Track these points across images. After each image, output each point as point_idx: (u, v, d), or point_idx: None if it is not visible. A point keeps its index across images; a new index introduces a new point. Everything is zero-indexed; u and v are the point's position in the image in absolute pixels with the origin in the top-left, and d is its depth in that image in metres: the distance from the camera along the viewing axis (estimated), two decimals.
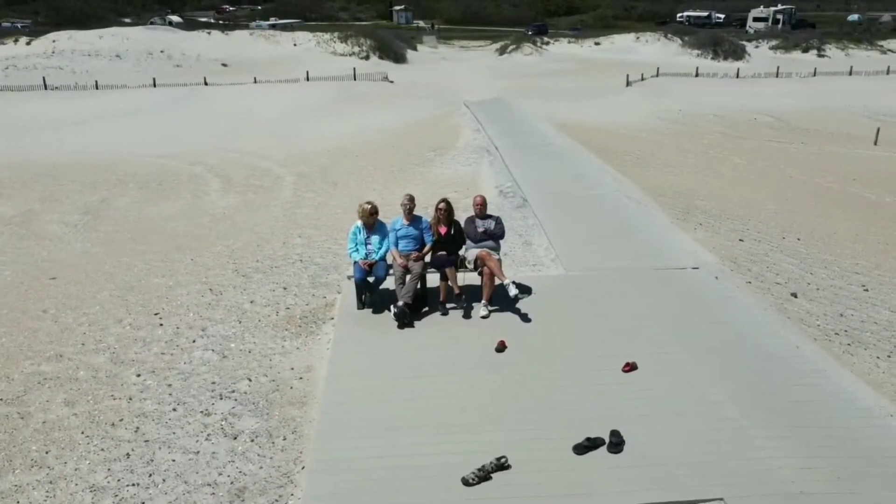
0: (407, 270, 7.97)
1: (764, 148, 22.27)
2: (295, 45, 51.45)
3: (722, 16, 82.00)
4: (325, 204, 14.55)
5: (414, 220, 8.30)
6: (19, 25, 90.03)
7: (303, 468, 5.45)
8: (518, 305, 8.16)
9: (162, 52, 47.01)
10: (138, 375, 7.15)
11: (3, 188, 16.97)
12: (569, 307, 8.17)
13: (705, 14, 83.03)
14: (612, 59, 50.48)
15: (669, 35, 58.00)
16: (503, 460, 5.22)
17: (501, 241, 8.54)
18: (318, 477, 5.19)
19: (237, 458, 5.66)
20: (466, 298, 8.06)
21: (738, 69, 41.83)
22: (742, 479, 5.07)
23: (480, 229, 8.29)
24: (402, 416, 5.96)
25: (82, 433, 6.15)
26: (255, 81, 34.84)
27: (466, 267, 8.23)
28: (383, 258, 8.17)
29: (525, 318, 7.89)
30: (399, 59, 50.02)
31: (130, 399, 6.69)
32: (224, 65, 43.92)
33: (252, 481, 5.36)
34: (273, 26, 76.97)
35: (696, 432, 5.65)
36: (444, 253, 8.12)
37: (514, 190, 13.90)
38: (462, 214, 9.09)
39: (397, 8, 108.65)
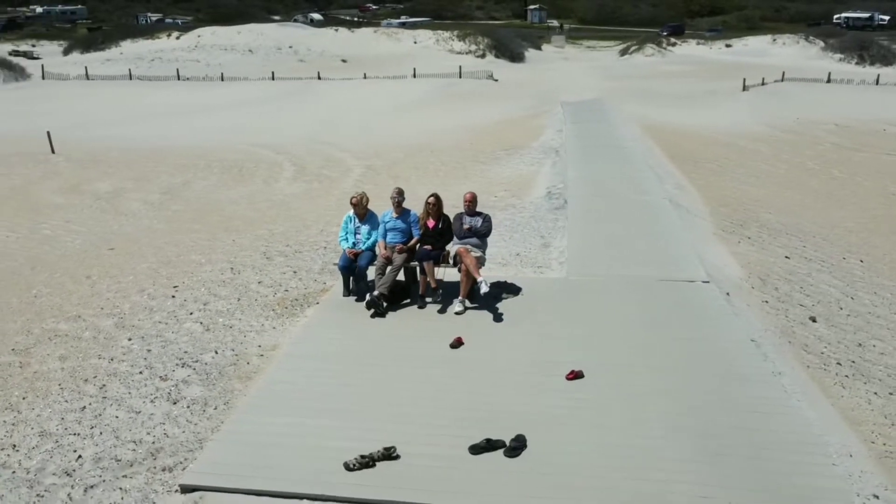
0: (389, 262, 8.13)
1: (875, 162, 20.31)
2: (415, 42, 52.74)
3: (886, 17, 75.11)
4: (379, 196, 14.92)
5: (403, 213, 8.45)
6: (179, 22, 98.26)
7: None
8: (497, 305, 8.10)
9: (290, 47, 49.81)
10: (129, 340, 7.80)
11: (109, 167, 18.81)
12: (548, 311, 8.00)
13: (867, 15, 76.40)
14: (740, 62, 47.73)
15: (811, 38, 53.94)
16: (391, 450, 5.28)
17: (488, 239, 8.47)
18: (216, 445, 5.50)
19: (169, 421, 6.09)
20: (443, 293, 8.11)
21: (879, 76, 38.19)
22: (627, 499, 4.83)
23: (466, 226, 8.29)
24: (332, 399, 6.14)
25: (59, 385, 6.83)
26: (365, 77, 36.11)
27: (449, 262, 8.27)
28: (371, 248, 8.37)
29: (499, 317, 7.82)
30: (515, 58, 49.98)
31: (111, 360, 7.32)
32: (343, 60, 45.85)
33: (170, 443, 5.75)
34: (402, 24, 79.32)
35: (605, 446, 5.42)
36: (428, 247, 8.20)
37: (563, 192, 13.64)
38: (516, 215, 9.11)
39: (532, 7, 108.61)
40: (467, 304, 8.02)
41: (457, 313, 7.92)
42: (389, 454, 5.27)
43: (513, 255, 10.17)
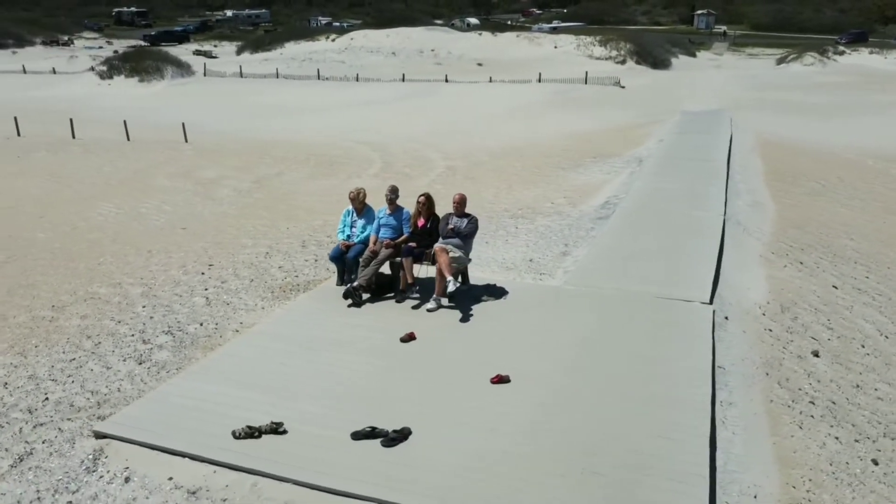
0: (376, 255, 8.48)
1: None
2: (555, 47, 52.40)
3: None
4: (445, 198, 15.26)
5: (396, 210, 8.77)
6: (345, 25, 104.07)
7: None
8: (474, 306, 8.19)
9: (432, 50, 51.40)
10: (143, 307, 8.77)
11: (222, 157, 20.69)
12: (518, 317, 7.96)
13: None
14: None
15: None
16: (279, 426, 5.64)
17: (471, 241, 8.57)
18: (141, 402, 6.15)
19: (127, 378, 6.85)
20: (423, 290, 8.33)
21: None
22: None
23: (450, 226, 8.44)
24: (264, 376, 6.59)
25: (66, 339, 7.87)
26: (490, 80, 36.54)
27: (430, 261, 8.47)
28: (363, 242, 8.77)
29: (466, 318, 7.92)
30: (658, 64, 48.19)
31: (118, 322, 8.29)
32: (479, 64, 46.57)
33: (117, 397, 6.50)
34: (553, 29, 78.90)
35: (484, 451, 5.43)
36: (413, 244, 8.46)
37: (618, 203, 13.26)
38: (556, 223, 9.21)
39: (699, 12, 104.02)
40: (443, 302, 8.18)
41: (428, 310, 8.11)
42: (276, 429, 5.63)
43: (525, 260, 10.14)
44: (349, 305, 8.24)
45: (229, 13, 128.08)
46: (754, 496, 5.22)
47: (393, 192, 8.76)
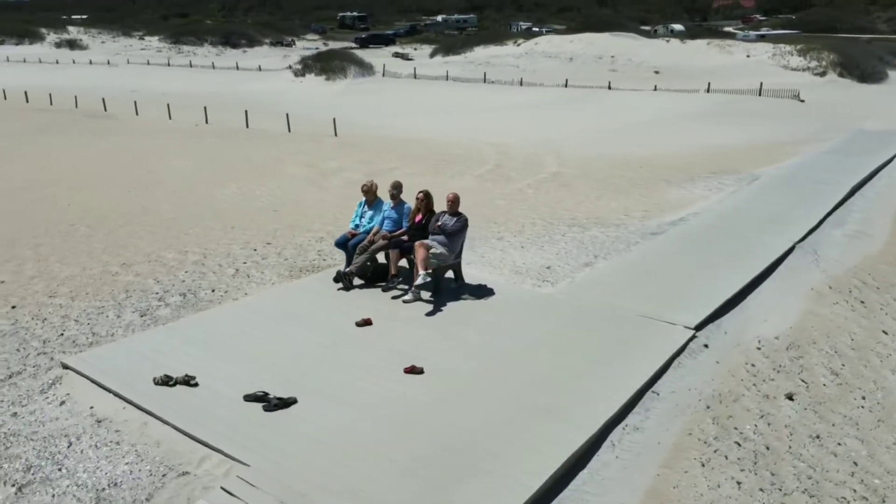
0: (371, 244, 9.02)
1: None
2: (748, 56, 48.76)
3: None
4: (526, 200, 15.35)
5: (398, 204, 9.23)
6: (544, 30, 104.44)
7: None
8: (449, 303, 8.46)
9: (612, 57, 50.28)
10: (186, 272, 10.08)
11: (353, 150, 22.29)
12: (482, 318, 8.05)
13: None
14: None
15: None
16: (191, 379, 6.41)
17: (458, 240, 8.76)
18: (107, 346, 7.26)
19: (122, 327, 8.05)
20: (403, 281, 8.72)
21: None
22: (301, 474, 5.26)
23: (438, 223, 8.72)
24: (219, 339, 7.38)
25: (110, 291, 9.32)
26: (655, 89, 35.14)
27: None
28: (368, 231, 9.33)
29: (433, 313, 8.19)
30: (867, 77, 42.89)
31: (157, 282, 9.64)
32: (656, 72, 44.76)
33: (105, 340, 7.69)
34: (762, 37, 73.12)
35: (347, 430, 5.78)
36: (405, 238, 8.88)
37: (689, 220, 12.53)
38: (607, 234, 9.37)
39: None
40: (422, 295, 8.51)
41: (404, 301, 8.48)
42: (188, 381, 6.42)
43: (542, 267, 10.08)
44: (339, 289, 8.86)
45: (439, 18, 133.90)
46: None
47: (395, 188, 9.24)
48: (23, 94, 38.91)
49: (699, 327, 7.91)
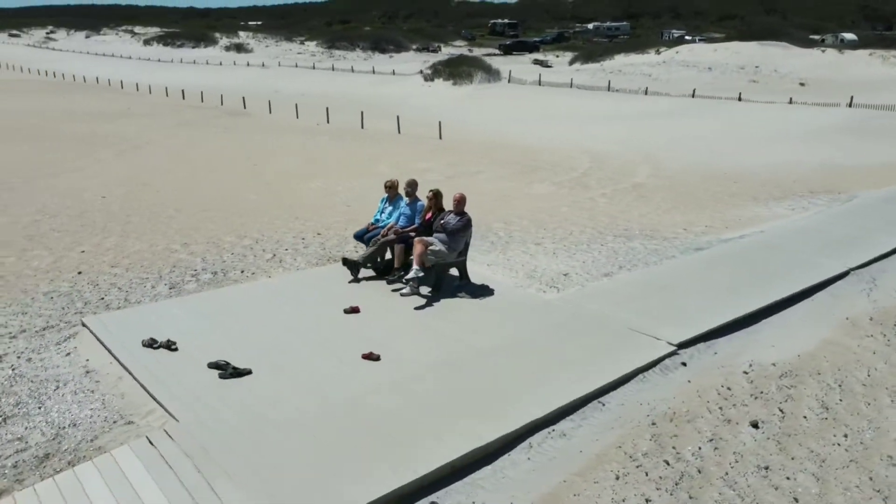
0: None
1: None
2: None
3: None
4: (591, 209, 15.10)
5: (413, 202, 9.58)
6: (696, 39, 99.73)
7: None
8: (443, 298, 8.71)
9: (756, 67, 47.36)
10: (231, 254, 11.03)
11: (450, 153, 22.83)
12: (468, 316, 8.21)
13: None
14: None
15: None
16: (172, 344, 7.15)
17: (460, 238, 8.93)
18: (124, 310, 8.21)
19: (148, 297, 9.02)
20: (406, 275, 9.05)
21: None
22: (230, 442, 5.78)
23: (442, 221, 8.96)
24: (220, 315, 8.08)
25: (158, 265, 10.43)
26: (790, 102, 32.76)
27: None
28: (384, 225, 9.76)
29: (422, 307, 8.46)
30: None
31: (203, 260, 10.64)
32: (802, 84, 41.63)
33: (131, 304, 8.68)
34: None
35: (283, 406, 6.23)
36: (412, 234, 9.21)
37: (745, 238, 11.84)
38: (648, 246, 9.49)
39: None
40: (422, 290, 8.80)
41: (402, 294, 8.81)
42: (169, 345, 7.17)
43: (560, 273, 10.01)
44: (350, 280, 9.35)
45: (590, 26, 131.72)
46: None
47: (410, 186, 9.60)
48: (182, 92, 43.21)
49: (684, 345, 7.60)
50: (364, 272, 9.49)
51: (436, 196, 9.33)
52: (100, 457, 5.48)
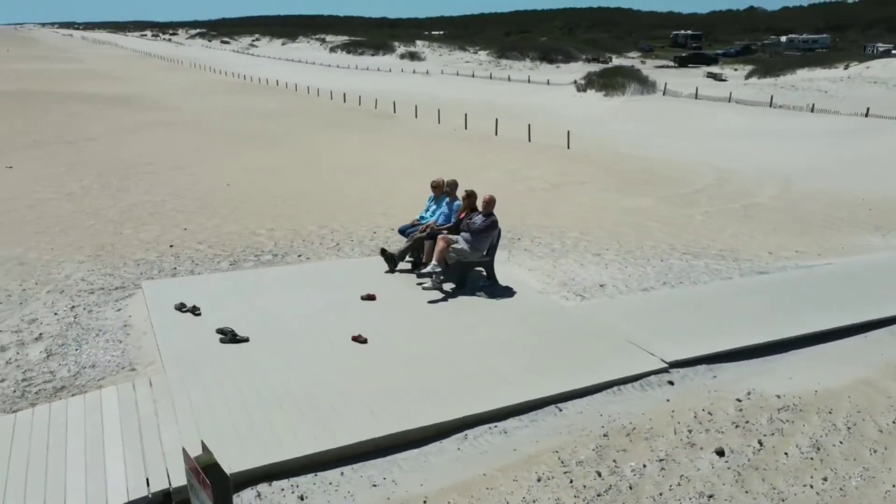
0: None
1: None
2: None
3: None
4: (682, 226, 14.44)
5: (452, 201, 9.91)
6: (894, 51, 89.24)
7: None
8: (459, 296, 8.99)
9: None
10: (302, 241, 11.98)
11: (570, 163, 22.68)
12: (478, 316, 8.40)
13: None
14: None
15: None
16: (197, 310, 8.08)
17: (484, 239, 9.11)
18: (176, 279, 9.37)
19: (211, 269, 10.12)
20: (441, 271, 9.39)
21: None
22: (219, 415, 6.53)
23: (469, 221, 9.19)
24: (254, 292, 8.93)
25: (236, 246, 11.61)
26: None
27: None
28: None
29: (438, 300, 8.83)
30: None
31: (276, 244, 11.68)
32: None
33: (189, 275, 9.83)
34: None
35: (265, 373, 6.87)
36: (445, 231, 9.55)
37: (838, 264, 10.85)
38: (709, 265, 9.53)
39: None
40: (445, 287, 9.14)
41: (424, 288, 9.19)
42: (194, 310, 8.12)
43: (596, 284, 9.86)
44: (385, 271, 9.87)
45: (783, 38, 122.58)
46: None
47: (449, 186, 9.96)
48: (343, 95, 46.28)
49: (678, 364, 7.29)
50: (403, 265, 9.97)
51: (469, 196, 9.60)
52: (91, 392, 6.43)
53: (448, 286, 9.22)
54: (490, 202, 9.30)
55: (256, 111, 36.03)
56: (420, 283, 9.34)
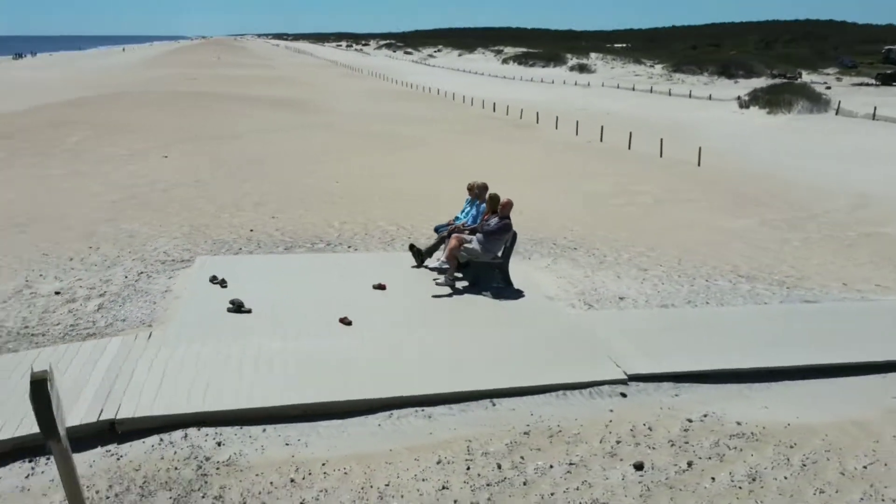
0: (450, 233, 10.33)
1: None
2: None
3: None
4: (766, 248, 13.49)
5: (481, 203, 10.25)
6: None
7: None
8: (465, 294, 9.38)
9: None
10: (366, 234, 12.86)
11: (682, 179, 21.77)
12: (468, 314, 8.70)
13: None
14: None
15: None
16: (224, 282, 9.16)
17: (497, 240, 9.34)
18: (222, 256, 10.51)
19: (266, 251, 11.26)
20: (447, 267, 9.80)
21: None
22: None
23: (484, 222, 9.48)
24: (279, 275, 9.88)
25: (304, 233, 12.73)
26: None
27: None
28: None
29: (443, 296, 9.27)
30: None
31: (338, 234, 12.67)
32: None
33: (245, 254, 11.02)
34: None
35: (254, 341, 7.73)
36: (468, 231, 9.92)
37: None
38: (738, 286, 9.62)
39: None
40: (457, 285, 9.54)
41: (437, 283, 9.63)
42: (222, 283, 9.22)
43: (616, 296, 9.72)
44: (413, 266, 10.43)
45: None
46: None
47: (479, 189, 10.32)
48: (493, 105, 47.21)
49: (639, 378, 7.13)
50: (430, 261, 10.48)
51: (492, 200, 9.87)
52: (101, 339, 7.64)
53: (462, 284, 9.58)
54: (506, 206, 9.53)
55: (405, 117, 37.94)
56: (436, 280, 9.77)
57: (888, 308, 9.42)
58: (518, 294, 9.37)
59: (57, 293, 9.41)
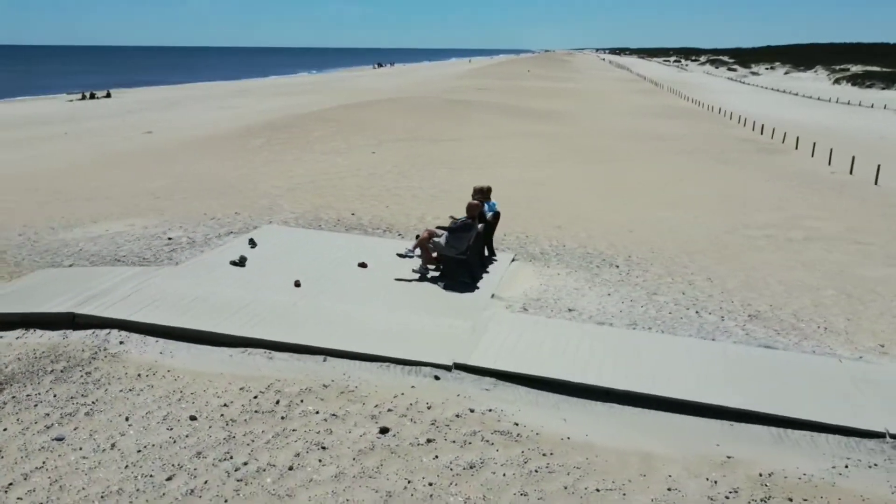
0: None
1: None
2: None
3: None
4: (812, 267, 11.65)
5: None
6: None
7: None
8: (426, 283, 10.52)
9: None
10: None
11: (831, 201, 18.63)
12: (407, 297, 9.82)
13: None
14: None
15: None
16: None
17: (461, 236, 10.26)
18: (264, 227, 12.92)
19: (312, 228, 13.48)
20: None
21: None
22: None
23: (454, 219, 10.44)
24: (292, 242, 12.04)
25: (362, 218, 14.67)
26: None
27: None
28: None
29: (405, 280, 10.51)
30: None
31: (379, 224, 14.38)
32: None
33: (272, 223, 13.37)
34: None
35: (229, 292, 10.03)
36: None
37: None
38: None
39: None
40: (427, 271, 10.66)
41: (413, 270, 10.82)
42: (252, 242, 11.65)
43: (616, 312, 9.94)
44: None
45: None
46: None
47: (477, 192, 11.18)
48: (761, 127, 43.10)
49: (463, 368, 7.72)
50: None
51: (481, 202, 10.79)
52: (140, 268, 10.58)
53: (434, 273, 10.64)
54: (471, 207, 10.38)
55: (645, 134, 37.10)
56: (413, 268, 10.94)
57: (848, 372, 8.06)
58: (470, 287, 10.14)
59: (169, 238, 12.79)
